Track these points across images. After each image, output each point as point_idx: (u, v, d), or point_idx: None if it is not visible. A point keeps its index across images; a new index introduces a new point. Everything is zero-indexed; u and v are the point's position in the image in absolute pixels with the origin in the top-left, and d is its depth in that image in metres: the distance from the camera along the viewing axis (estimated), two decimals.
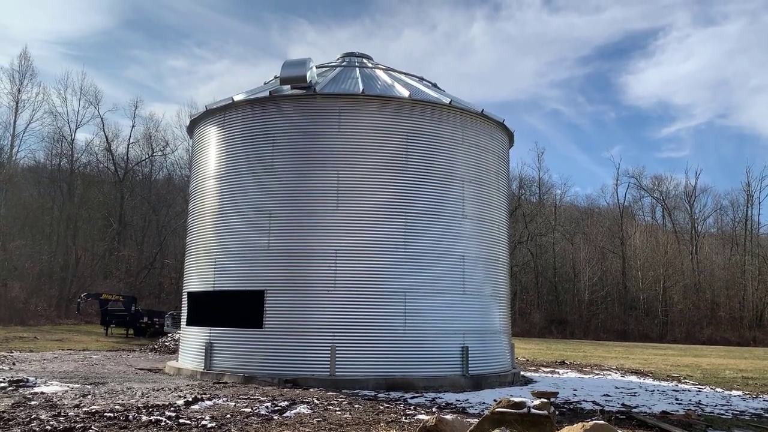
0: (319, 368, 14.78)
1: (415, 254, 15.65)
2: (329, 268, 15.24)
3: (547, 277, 66.44)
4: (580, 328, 58.77)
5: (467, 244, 16.55)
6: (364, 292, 15.20)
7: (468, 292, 16.31)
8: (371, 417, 10.27)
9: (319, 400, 12.10)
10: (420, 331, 15.40)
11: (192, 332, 17.09)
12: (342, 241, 15.35)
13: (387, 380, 14.64)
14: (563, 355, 30.61)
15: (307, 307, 15.15)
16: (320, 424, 9.39)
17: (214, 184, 17.16)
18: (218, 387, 13.86)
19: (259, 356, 15.25)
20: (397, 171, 15.87)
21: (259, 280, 15.65)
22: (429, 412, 10.98)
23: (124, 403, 10.92)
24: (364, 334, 15.03)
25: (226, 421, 9.41)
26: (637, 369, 23.07)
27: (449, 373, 15.49)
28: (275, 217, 15.76)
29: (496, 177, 18.05)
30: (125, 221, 56.30)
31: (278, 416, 10.05)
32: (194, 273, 17.46)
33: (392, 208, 15.70)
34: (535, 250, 65.83)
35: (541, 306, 63.84)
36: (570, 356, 29.67)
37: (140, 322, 35.60)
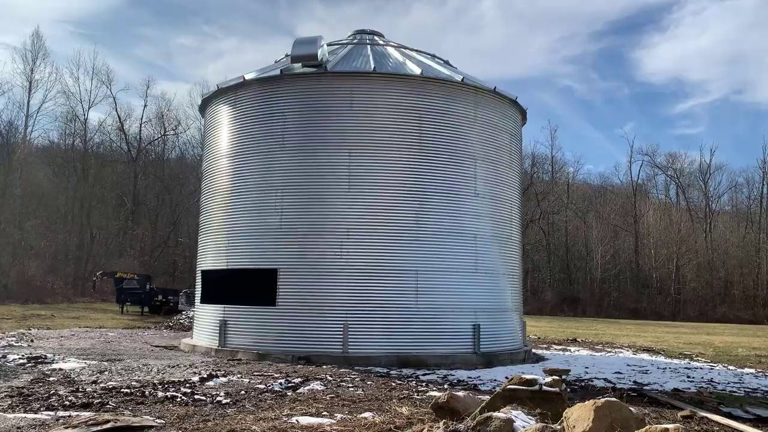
0: (332, 345, 14.92)
1: (427, 233, 15.65)
2: (341, 246, 15.30)
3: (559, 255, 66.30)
4: (592, 306, 58.75)
5: (479, 222, 16.52)
6: (376, 270, 15.25)
7: (480, 270, 16.33)
8: (383, 393, 10.37)
9: (332, 376, 12.23)
10: (432, 309, 15.47)
11: (206, 310, 17.28)
12: (354, 220, 15.38)
13: (399, 357, 14.76)
14: (575, 333, 30.66)
15: (319, 285, 15.25)
16: (333, 401, 9.50)
17: (226, 163, 17.20)
18: (232, 364, 14.05)
19: (272, 334, 15.40)
20: (409, 149, 15.81)
21: (271, 259, 15.75)
22: (441, 388, 11.07)
23: (141, 379, 11.10)
24: (377, 311, 15.12)
25: (241, 397, 9.55)
26: (649, 347, 23.07)
27: (461, 351, 15.58)
28: (287, 196, 15.81)
29: (509, 155, 17.94)
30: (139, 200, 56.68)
31: (292, 392, 10.18)
32: (208, 251, 17.60)
33: (404, 186, 15.67)
34: (548, 229, 65.64)
35: (553, 284, 63.82)
36: (582, 334, 29.71)
37: (155, 300, 35.98)
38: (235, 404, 8.95)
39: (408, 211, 15.61)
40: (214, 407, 8.67)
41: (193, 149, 59.74)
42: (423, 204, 15.74)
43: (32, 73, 51.58)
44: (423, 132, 15.99)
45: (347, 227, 15.36)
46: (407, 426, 7.44)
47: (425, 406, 8.91)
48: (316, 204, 15.59)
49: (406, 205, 15.62)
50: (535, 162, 70.32)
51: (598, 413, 5.73)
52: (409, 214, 15.60)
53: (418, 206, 15.69)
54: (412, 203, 15.66)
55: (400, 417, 8.06)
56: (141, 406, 8.55)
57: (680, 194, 73.08)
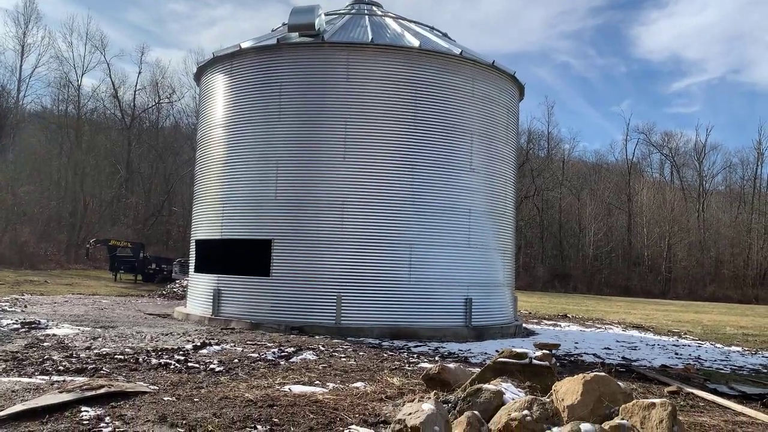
0: (325, 316, 15.03)
1: (421, 207, 15.68)
2: (336, 218, 15.31)
3: (552, 231, 66.60)
4: (583, 283, 59.23)
5: (474, 197, 16.54)
6: (370, 242, 15.30)
7: (473, 245, 16.40)
8: (375, 364, 10.50)
9: (325, 347, 12.35)
10: (425, 282, 15.57)
11: (200, 279, 17.33)
12: (349, 192, 15.37)
13: (391, 329, 14.89)
14: (565, 308, 30.96)
15: (313, 256, 15.29)
16: (326, 370, 9.61)
17: (221, 132, 17.09)
18: (226, 333, 14.16)
19: (266, 303, 15.49)
20: (405, 122, 15.75)
21: (266, 229, 15.76)
22: (432, 360, 11.20)
23: (134, 346, 11.18)
24: (370, 284, 15.21)
25: (234, 365, 9.64)
26: (639, 324, 23.34)
27: (453, 324, 15.73)
28: (282, 166, 15.76)
29: (505, 131, 17.89)
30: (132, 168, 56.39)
31: (285, 362, 10.28)
32: (202, 221, 17.59)
33: (400, 159, 15.65)
34: (542, 205, 65.82)
35: (545, 260, 64.21)
36: (572, 310, 30.01)
37: (148, 269, 36.07)
38: (228, 372, 9.03)
39: (403, 185, 15.59)
40: (207, 375, 8.75)
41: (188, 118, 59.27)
42: (418, 178, 15.72)
43: (24, 36, 50.86)
44: (419, 105, 15.90)
45: (342, 199, 15.35)
46: (398, 396, 7.54)
47: (416, 377, 9.02)
48: (312, 175, 15.55)
49: (402, 179, 15.60)
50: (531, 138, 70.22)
51: (587, 387, 5.82)
52: (404, 187, 15.59)
53: (414, 180, 15.68)
54: (408, 177, 15.64)
55: (391, 387, 8.17)
56: (135, 373, 8.62)
57: (675, 173, 73.32)
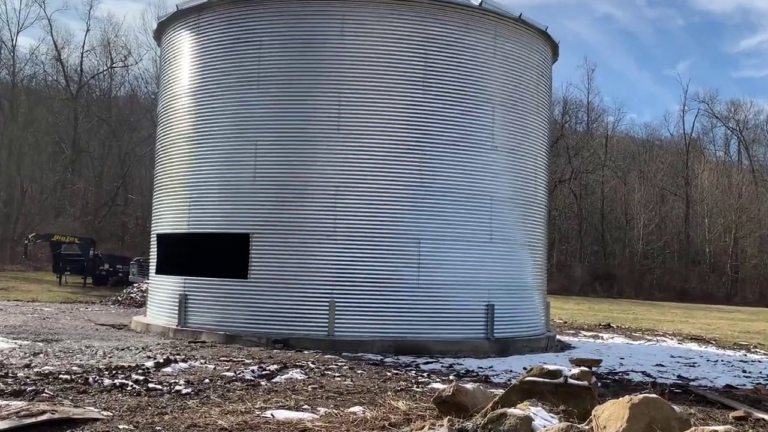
0: (316, 327, 15.07)
1: (432, 193, 15.67)
2: (328, 207, 15.32)
3: (592, 223, 66.61)
4: (630, 286, 59.30)
5: (497, 181, 16.53)
6: (369, 237, 15.32)
7: (496, 239, 16.41)
8: (377, 385, 10.51)
9: (315, 363, 12.38)
10: (436, 286, 15.58)
11: (163, 282, 17.38)
12: (344, 176, 15.37)
13: (396, 342, 14.93)
14: (609, 317, 30.98)
15: (301, 254, 15.32)
16: (316, 392, 9.64)
17: (187, 103, 17.09)
18: (195, 347, 14.19)
19: (243, 311, 15.53)
20: (412, 89, 15.71)
21: (243, 221, 15.78)
22: (445, 380, 11.23)
23: (83, 363, 11.21)
24: (370, 287, 15.24)
25: (204, 386, 9.66)
26: (698, 335, 23.36)
27: (471, 336, 15.77)
28: (263, 144, 15.75)
29: (536, 99, 17.85)
30: (80, 147, 56.46)
31: (266, 382, 10.31)
32: (165, 211, 17.62)
33: (405, 135, 15.63)
34: (580, 191, 65.81)
35: (585, 258, 64.27)
36: (617, 318, 30.03)
37: (100, 270, 36.18)
38: (198, 395, 9.07)
39: (410, 167, 15.58)
40: (171, 398, 8.78)
41: (147, 85, 59.26)
42: (428, 158, 15.71)
43: None
44: (430, 68, 15.85)
45: (335, 185, 15.35)
46: (404, 423, 7.56)
47: (426, 400, 9.04)
48: (298, 155, 15.54)
49: (408, 159, 15.59)
50: (567, 109, 70.16)
51: (635, 411, 5.82)
52: (410, 170, 15.58)
53: (422, 161, 15.66)
54: (415, 157, 15.62)
55: (395, 412, 8.19)
56: (84, 396, 8.66)
57: (743, 151, 73.17)
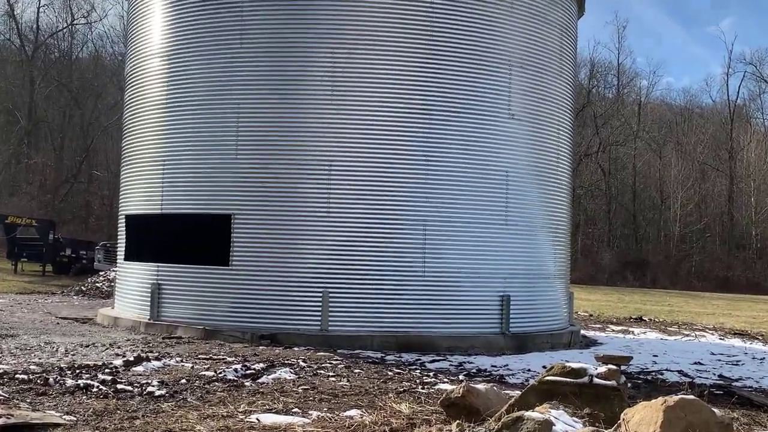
0: (307, 321, 15.13)
1: (439, 169, 15.66)
2: (320, 186, 15.32)
3: (623, 203, 66.62)
4: (665, 274, 59.42)
5: (513, 154, 16.52)
6: (368, 219, 15.33)
7: (512, 221, 16.42)
8: (376, 385, 10.55)
9: (307, 362, 12.43)
10: (444, 274, 15.62)
11: (133, 270, 17.44)
12: (338, 150, 15.36)
13: (398, 338, 14.99)
14: (641, 309, 31.06)
15: (290, 238, 15.34)
16: (308, 394, 9.67)
17: (159, 65, 17.04)
18: (169, 343, 14.24)
19: (225, 303, 15.59)
20: (416, 50, 15.66)
21: (224, 201, 15.80)
22: (454, 380, 11.26)
23: (42, 362, 11.25)
24: (368, 276, 15.27)
25: (181, 387, 9.70)
26: (743, 330, 23.43)
27: (483, 331, 15.83)
28: (246, 113, 15.72)
29: (558, 60, 17.79)
30: (37, 117, 56.32)
31: (251, 382, 10.34)
32: (135, 190, 17.63)
33: (409, 103, 15.60)
34: (609, 166, 65.75)
35: (614, 243, 64.36)
36: (650, 311, 30.10)
37: (61, 256, 36.22)
38: (173, 397, 9.10)
39: (414, 139, 15.57)
40: (143, 400, 8.82)
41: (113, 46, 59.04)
42: (435, 129, 15.68)
43: None
44: (436, 25, 15.78)
45: (329, 160, 15.33)
46: (407, 428, 7.60)
47: (433, 402, 9.08)
48: (287, 127, 15.52)
49: (412, 131, 15.57)
50: (594, 72, 69.94)
51: (669, 415, 5.83)
52: (415, 143, 15.57)
53: (428, 132, 15.64)
54: (420, 128, 15.60)
55: (397, 416, 8.22)
56: (43, 398, 8.69)
57: None
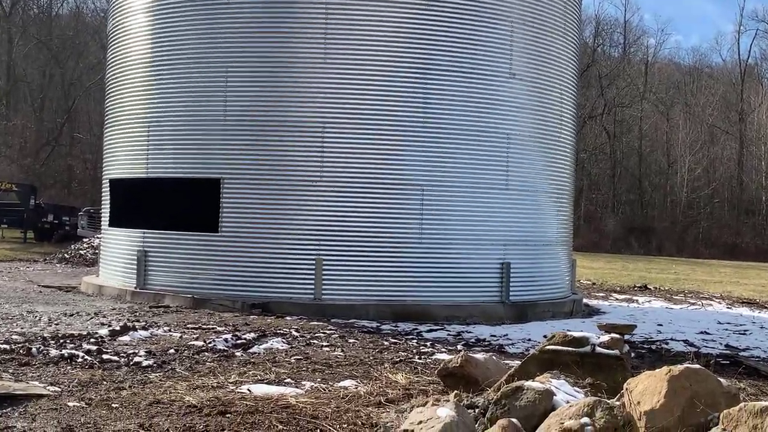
0: (300, 289, 15.19)
1: (437, 131, 15.64)
2: (313, 148, 15.30)
3: (628, 167, 66.65)
4: (671, 241, 59.59)
5: (515, 116, 16.49)
6: (363, 183, 15.33)
7: (513, 186, 16.43)
8: (372, 356, 10.63)
9: (300, 331, 12.51)
10: (442, 240, 15.67)
11: (118, 237, 17.46)
12: (332, 111, 15.31)
13: (394, 307, 15.08)
14: (646, 277, 31.20)
15: (281, 202, 15.35)
16: (300, 364, 9.74)
17: (144, 22, 16.92)
18: (157, 312, 14.30)
19: (214, 271, 15.64)
20: (414, 6, 15.55)
21: (213, 164, 15.78)
22: (452, 350, 11.34)
23: (25, 331, 11.29)
24: (364, 242, 15.31)
25: (169, 357, 9.75)
26: (751, 298, 23.55)
27: (482, 299, 15.92)
28: (235, 72, 15.64)
29: (562, 17, 17.70)
30: (16, 76, 55.94)
31: (242, 352, 10.41)
32: (119, 153, 17.59)
33: (406, 62, 15.54)
34: (614, 129, 65.68)
35: (618, 208, 64.48)
36: (655, 279, 30.24)
37: (43, 222, 36.21)
38: (161, 367, 9.16)
39: (411, 100, 15.52)
40: (130, 371, 8.87)
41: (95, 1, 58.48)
42: (433, 89, 15.63)
43: None
44: None
45: (322, 121, 15.29)
46: (404, 399, 7.67)
47: (430, 373, 9.16)
48: (278, 86, 15.46)
49: (409, 91, 15.52)
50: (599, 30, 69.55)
51: (674, 385, 5.87)
52: (412, 103, 15.53)
53: (426, 92, 15.59)
54: (417, 88, 15.55)
55: (393, 387, 8.30)
56: (26, 368, 8.73)
57: None
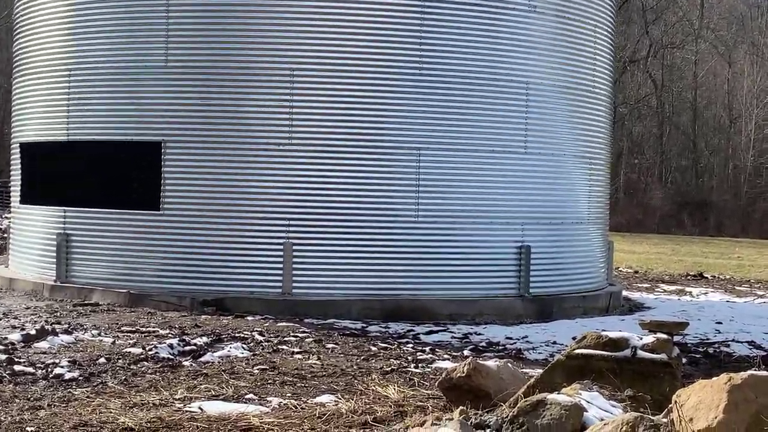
0: (264, 281, 15.20)
1: (437, 79, 15.61)
2: (280, 101, 15.24)
3: (680, 124, 66.68)
4: (734, 218, 59.75)
5: (535, 60, 16.49)
6: (342, 147, 15.30)
7: (533, 149, 16.43)
8: (356, 364, 10.61)
9: (265, 334, 12.50)
10: (444, 218, 15.68)
11: (32, 216, 17.41)
12: (303, 53, 15.26)
13: (384, 303, 15.09)
14: (701, 263, 31.27)
15: (240, 172, 15.32)
16: (266, 376, 9.72)
17: None
18: (83, 311, 14.25)
19: (155, 260, 15.62)
20: None
21: (151, 124, 15.71)
22: (457, 356, 11.35)
23: None
24: (344, 221, 15.30)
25: (99, 368, 9.71)
26: None
27: (495, 292, 15.96)
28: (179, 5, 15.56)
29: None
30: None
31: (191, 361, 10.38)
32: (32, 110, 17.52)
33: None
34: (662, 76, 65.63)
35: (667, 177, 64.56)
36: (714, 266, 30.32)
37: None
38: (89, 380, 9.13)
39: (403, 38, 15.50)
40: (50, 386, 8.85)
41: None
42: (430, 24, 15.59)
43: None
44: None
45: (290, 67, 15.23)
46: (396, 417, 7.67)
47: (428, 385, 9.18)
48: (234, 22, 15.41)
49: (400, 27, 15.49)
50: None
51: (735, 397, 5.88)
52: (404, 42, 15.50)
53: (422, 28, 15.54)
54: (411, 23, 15.50)
55: (383, 403, 8.30)
56: None
57: None
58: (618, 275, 24.00)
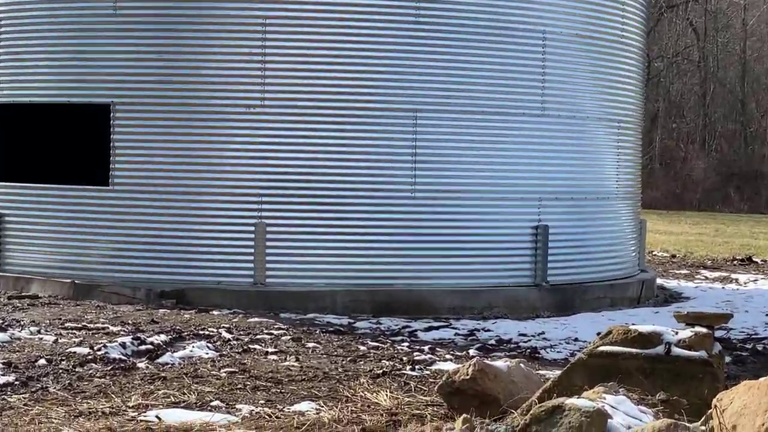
0: (233, 269, 15.26)
1: (436, 27, 15.63)
2: (249, 57, 15.25)
3: (726, 82, 66.62)
4: None
5: (554, 5, 16.49)
6: (324, 110, 15.31)
7: (552, 111, 16.44)
8: (341, 366, 10.68)
9: (233, 332, 12.55)
10: (446, 194, 15.73)
11: None
12: None
13: (375, 295, 15.17)
14: (750, 245, 31.33)
15: (204, 140, 15.36)
16: (235, 379, 9.77)
17: None
18: (19, 305, 14.28)
19: (105, 244, 15.66)
20: None
21: (99, 83, 15.73)
22: (461, 356, 11.41)
23: None
24: (327, 198, 15.33)
25: (38, 371, 9.75)
26: None
27: (507, 281, 16.02)
28: None
29: None
30: None
31: (147, 363, 10.42)
32: None
33: None
34: (705, 25, 65.54)
35: (711, 144, 64.55)
36: (766, 249, 30.34)
37: None
38: (26, 386, 9.16)
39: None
40: None
41: None
42: None
43: None
44: None
45: (262, 14, 15.20)
46: (388, 427, 7.72)
47: (427, 390, 9.23)
48: None
49: None
50: None
51: None
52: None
53: None
54: None
55: (373, 411, 8.35)
56: None
57: None
58: (651, 260, 24.06)
